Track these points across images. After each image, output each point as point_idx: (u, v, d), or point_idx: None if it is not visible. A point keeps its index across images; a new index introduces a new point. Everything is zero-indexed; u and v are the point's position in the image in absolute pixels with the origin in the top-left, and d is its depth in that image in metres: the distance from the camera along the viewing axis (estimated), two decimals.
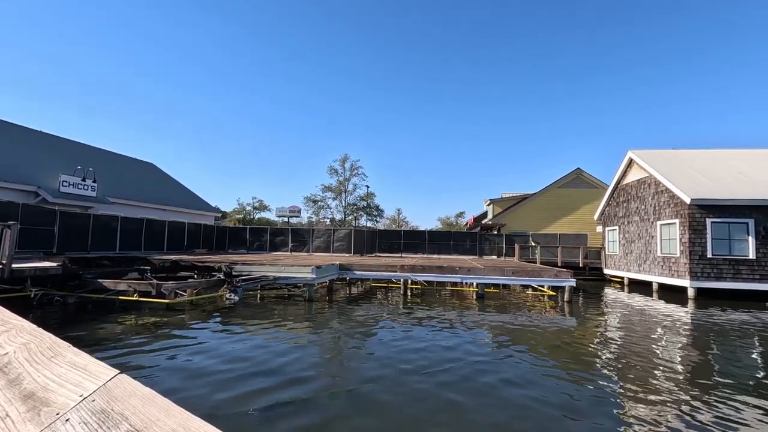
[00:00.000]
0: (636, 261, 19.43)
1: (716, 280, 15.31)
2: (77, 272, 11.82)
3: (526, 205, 31.37)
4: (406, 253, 28.24)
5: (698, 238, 15.57)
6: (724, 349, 8.15)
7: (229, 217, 54.59)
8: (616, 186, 22.11)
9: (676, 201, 16.42)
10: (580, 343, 8.36)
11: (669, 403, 4.97)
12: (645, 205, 19.00)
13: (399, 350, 7.20)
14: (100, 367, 0.89)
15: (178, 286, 11.12)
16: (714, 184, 16.62)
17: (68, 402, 0.78)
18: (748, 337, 9.12)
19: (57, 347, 1.07)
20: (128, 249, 18.74)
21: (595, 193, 29.01)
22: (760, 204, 15.18)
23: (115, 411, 0.71)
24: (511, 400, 5.04)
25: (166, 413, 0.68)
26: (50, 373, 0.94)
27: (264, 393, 4.99)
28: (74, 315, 9.94)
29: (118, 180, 24.59)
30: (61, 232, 15.66)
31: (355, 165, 50.49)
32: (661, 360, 7.08)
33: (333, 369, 6.37)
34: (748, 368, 6.86)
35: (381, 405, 4.79)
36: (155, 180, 30.42)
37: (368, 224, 51.71)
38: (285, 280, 13.16)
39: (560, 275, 13.69)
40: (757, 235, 15.19)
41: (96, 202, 20.09)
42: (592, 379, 5.97)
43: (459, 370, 6.11)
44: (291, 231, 28.03)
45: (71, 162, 20.79)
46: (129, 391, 0.77)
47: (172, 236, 22.15)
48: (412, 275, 14.42)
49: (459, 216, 70.73)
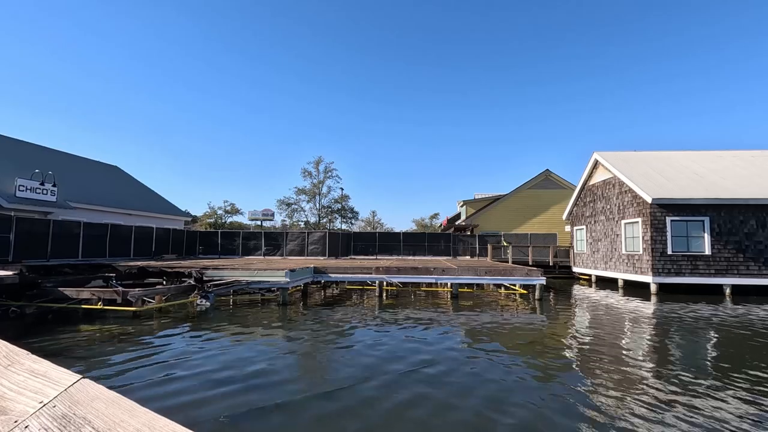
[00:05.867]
0: (603, 259, 20.18)
1: (676, 276, 16.11)
2: (36, 281, 11.22)
3: (498, 205, 32.04)
4: (381, 255, 28.30)
5: (659, 236, 16.35)
6: (685, 340, 8.59)
7: (199, 221, 53.12)
8: (583, 186, 22.92)
9: (639, 201, 17.18)
10: (552, 339, 8.61)
11: (636, 393, 5.20)
12: (610, 204, 19.77)
13: (376, 353, 7.20)
14: (62, 372, 0.87)
15: (146, 293, 10.73)
16: (673, 184, 17.50)
17: (27, 409, 0.76)
18: (705, 328, 9.65)
19: (14, 355, 1.03)
20: (92, 256, 17.94)
21: (564, 194, 29.96)
22: (714, 203, 16.10)
23: (77, 415, 0.69)
24: (483, 394, 5.13)
25: (131, 414, 0.67)
26: (7, 382, 0.90)
27: (235, 399, 4.89)
28: (32, 326, 9.43)
29: (80, 184, 23.51)
30: (18, 239, 14.84)
31: (330, 167, 50.36)
32: (627, 352, 7.40)
33: (307, 373, 6.31)
34: (708, 357, 7.27)
35: (356, 407, 4.79)
36: (120, 184, 29.25)
37: (343, 227, 51.49)
38: (258, 284, 12.94)
39: (531, 274, 14.06)
40: (712, 232, 16.10)
41: (56, 207, 19.14)
42: (564, 372, 6.16)
43: (435, 369, 6.17)
44: (264, 234, 27.56)
45: (28, 165, 19.74)
46: (92, 395, 0.75)
47: (139, 242, 21.36)
48: (387, 277, 14.47)
49: (433, 217, 71.57)
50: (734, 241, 16.01)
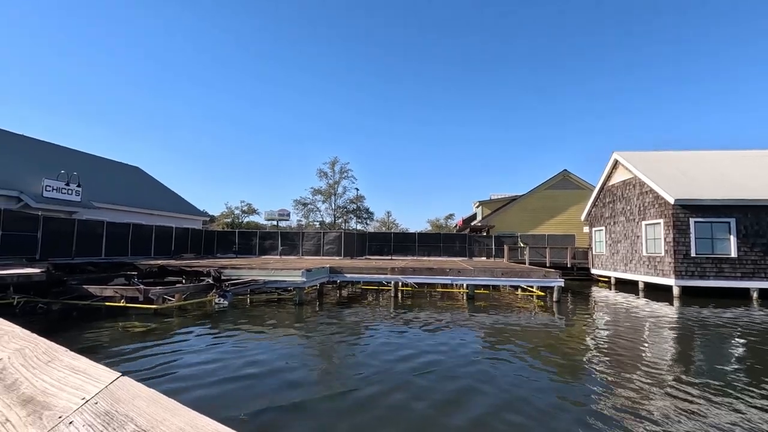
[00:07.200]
0: (622, 261, 19.76)
1: (700, 279, 15.66)
2: (62, 279, 11.58)
3: (514, 206, 31.68)
4: (396, 255, 28.28)
5: (682, 238, 15.91)
6: (711, 346, 8.34)
7: (217, 221, 54.05)
8: (602, 187, 22.48)
9: (661, 201, 16.76)
10: (571, 343, 8.47)
11: (658, 400, 5.07)
12: (630, 205, 19.35)
13: (392, 353, 7.20)
14: (101, 370, 0.89)
15: (166, 292, 10.97)
16: (697, 184, 17.01)
17: (70, 405, 0.78)
18: (733, 334, 9.34)
19: (53, 352, 1.07)
20: (114, 254, 18.42)
21: (582, 195, 29.44)
22: (741, 204, 15.59)
23: (119, 413, 0.71)
24: (502, 398, 5.08)
25: (172, 413, 0.68)
26: (49, 378, 0.93)
27: (255, 397, 4.95)
28: (59, 322, 9.73)
29: (103, 184, 24.16)
30: (45, 237, 15.33)
31: (345, 167, 50.53)
32: (649, 358, 7.21)
33: (324, 373, 6.35)
34: (733, 364, 7.03)
35: (375, 407, 4.79)
36: (141, 184, 29.96)
37: (358, 227, 51.66)
38: (275, 283, 13.08)
39: (549, 276, 13.85)
40: (738, 234, 15.59)
41: (80, 207, 19.72)
42: (583, 376, 6.06)
43: (453, 371, 6.14)
44: (280, 234, 27.86)
45: (54, 166, 20.38)
46: (133, 393, 0.77)
47: (159, 241, 21.84)
48: (403, 277, 14.45)
49: (448, 218, 71.19)
50: (762, 244, 15.47)
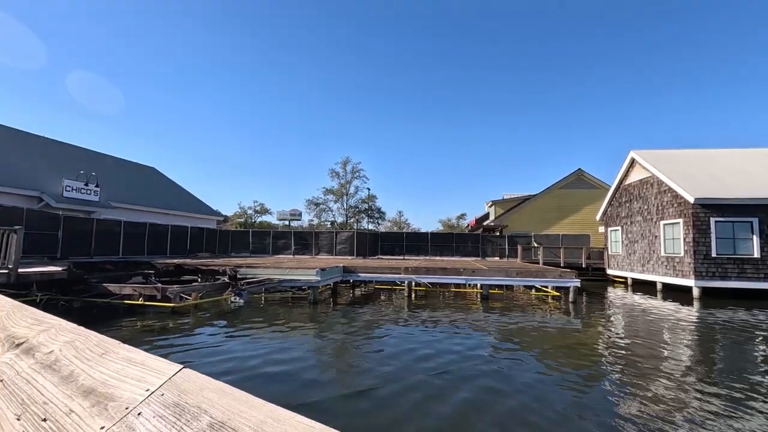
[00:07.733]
0: (639, 261, 19.40)
1: (721, 280, 15.28)
2: (82, 277, 11.81)
3: (527, 206, 31.36)
4: (408, 255, 28.22)
5: (702, 238, 15.55)
6: (733, 349, 8.12)
7: (230, 220, 54.59)
8: (619, 186, 22.10)
9: (680, 200, 16.41)
10: (589, 344, 8.34)
11: (680, 403, 4.95)
12: (648, 205, 18.98)
13: (409, 353, 7.17)
14: (160, 362, 0.89)
15: (183, 290, 11.10)
16: (717, 183, 16.61)
17: (135, 397, 0.77)
18: (757, 336, 9.09)
19: (106, 344, 1.07)
20: (131, 253, 18.73)
21: (597, 194, 29.02)
22: (764, 203, 15.17)
23: (190, 404, 0.70)
24: (519, 399, 5.01)
25: (248, 405, 0.67)
26: (106, 369, 0.93)
27: (272, 396, 4.97)
28: (80, 320, 9.85)
29: (120, 184, 24.59)
30: (65, 236, 15.66)
31: (357, 167, 50.59)
32: (670, 360, 7.06)
33: (342, 371, 6.35)
34: (758, 367, 6.83)
35: (394, 407, 4.77)
36: (157, 184, 30.43)
37: (370, 227, 51.69)
38: (290, 282, 13.14)
39: (564, 276, 13.67)
40: (761, 234, 15.17)
41: (99, 207, 20.09)
42: (602, 379, 5.95)
43: (470, 371, 6.08)
44: (294, 234, 28.03)
45: (74, 167, 20.80)
46: (199, 384, 0.76)
47: (175, 240, 22.15)
48: (416, 277, 14.40)
49: (460, 218, 70.82)
50: None
